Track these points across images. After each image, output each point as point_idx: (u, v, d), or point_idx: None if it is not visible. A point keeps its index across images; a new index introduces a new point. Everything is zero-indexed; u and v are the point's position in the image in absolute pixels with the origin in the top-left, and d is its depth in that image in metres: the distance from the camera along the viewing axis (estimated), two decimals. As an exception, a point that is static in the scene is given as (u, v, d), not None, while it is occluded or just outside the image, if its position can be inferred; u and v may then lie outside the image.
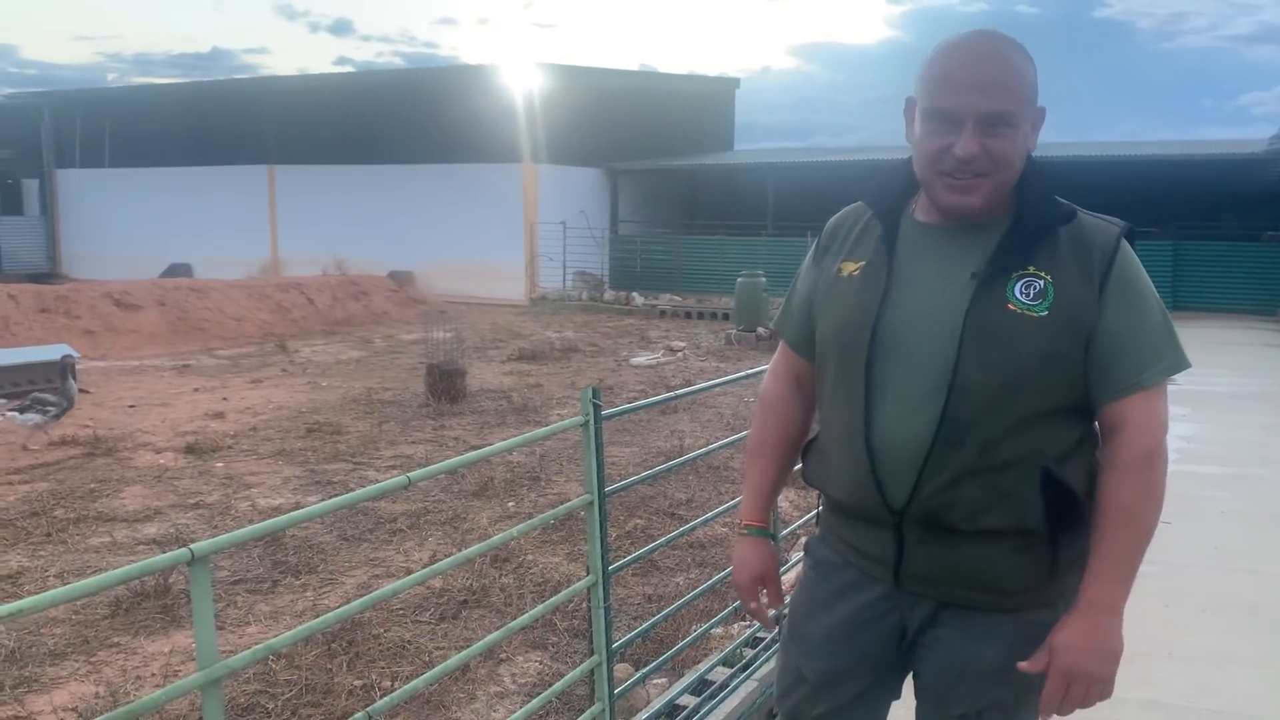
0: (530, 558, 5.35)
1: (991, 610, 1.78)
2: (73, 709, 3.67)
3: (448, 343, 10.44)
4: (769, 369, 2.08)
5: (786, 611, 2.08)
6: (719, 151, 28.64)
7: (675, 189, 26.60)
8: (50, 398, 8.40)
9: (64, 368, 8.75)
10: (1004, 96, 1.65)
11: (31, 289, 16.55)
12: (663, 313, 19.42)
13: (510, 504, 6.32)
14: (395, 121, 24.01)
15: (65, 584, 5.07)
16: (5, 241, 28.62)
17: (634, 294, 20.86)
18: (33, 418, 8.24)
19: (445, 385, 9.68)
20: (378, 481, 6.95)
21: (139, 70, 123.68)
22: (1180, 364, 1.74)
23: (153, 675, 4.04)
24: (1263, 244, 19.45)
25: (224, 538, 1.71)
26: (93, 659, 4.24)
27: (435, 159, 23.35)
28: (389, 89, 25.05)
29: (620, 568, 2.80)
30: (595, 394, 2.57)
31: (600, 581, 2.62)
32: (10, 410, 8.39)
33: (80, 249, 29.03)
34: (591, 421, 2.55)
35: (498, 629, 4.39)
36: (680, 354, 13.76)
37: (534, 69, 22.83)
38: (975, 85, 1.65)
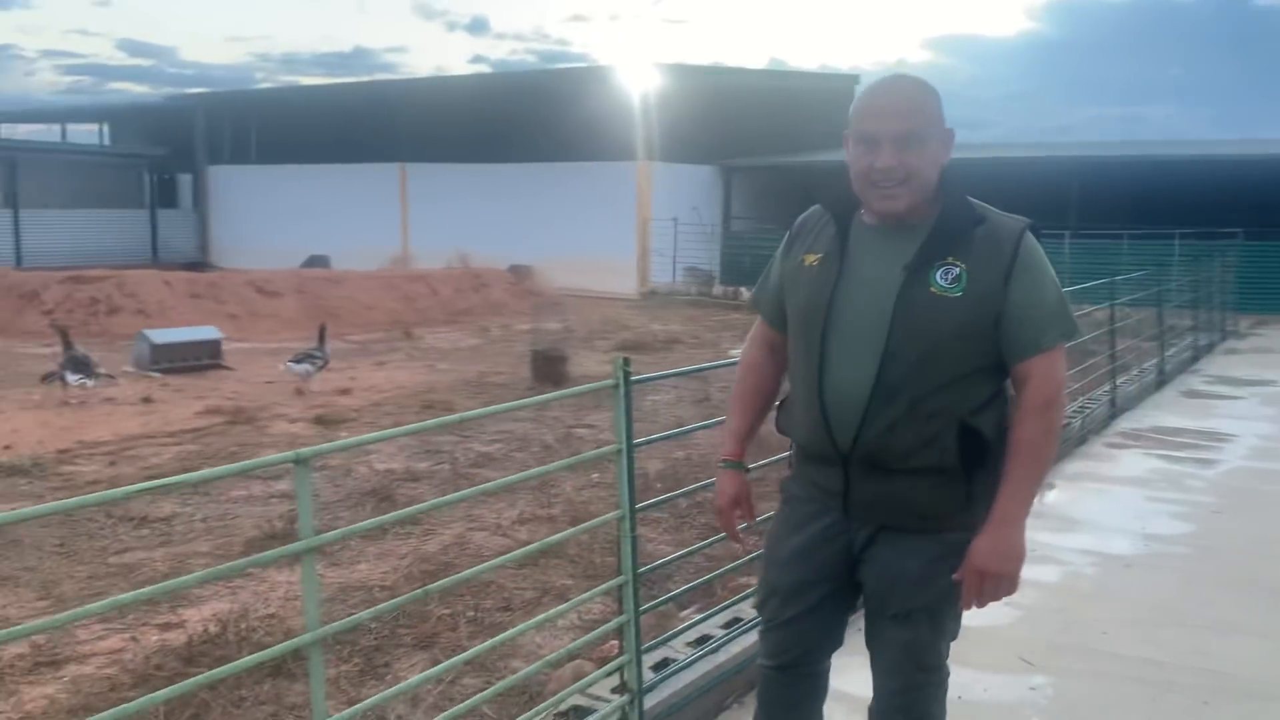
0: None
1: (918, 532, 2.24)
2: (215, 618, 4.43)
3: (556, 332, 11.20)
4: (748, 337, 2.61)
5: (757, 527, 2.62)
6: (838, 148, 28.74)
7: (789, 186, 26.85)
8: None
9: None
10: (911, 119, 2.16)
11: (184, 276, 18.10)
12: (770, 308, 19.78)
13: (595, 475, 6.93)
14: (518, 121, 25.02)
15: (208, 527, 5.95)
16: (162, 232, 30.89)
17: (742, 289, 21.30)
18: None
19: (549, 370, 10.41)
20: (481, 452, 7.69)
21: (286, 69, 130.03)
22: (1072, 333, 2.21)
23: (279, 597, 4.80)
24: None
25: (324, 446, 2.33)
26: (230, 584, 5.03)
27: (555, 158, 24.26)
28: (513, 90, 26.13)
29: (646, 507, 3.37)
30: (626, 363, 3.15)
31: (627, 515, 3.19)
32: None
33: (228, 240, 31.09)
34: (621, 384, 3.13)
35: (569, 576, 5.03)
36: (780, 347, 14.17)
37: (652, 69, 23.50)
38: (888, 112, 2.17)
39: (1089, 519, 5.79)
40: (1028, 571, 4.83)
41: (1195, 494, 6.37)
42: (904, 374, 2.13)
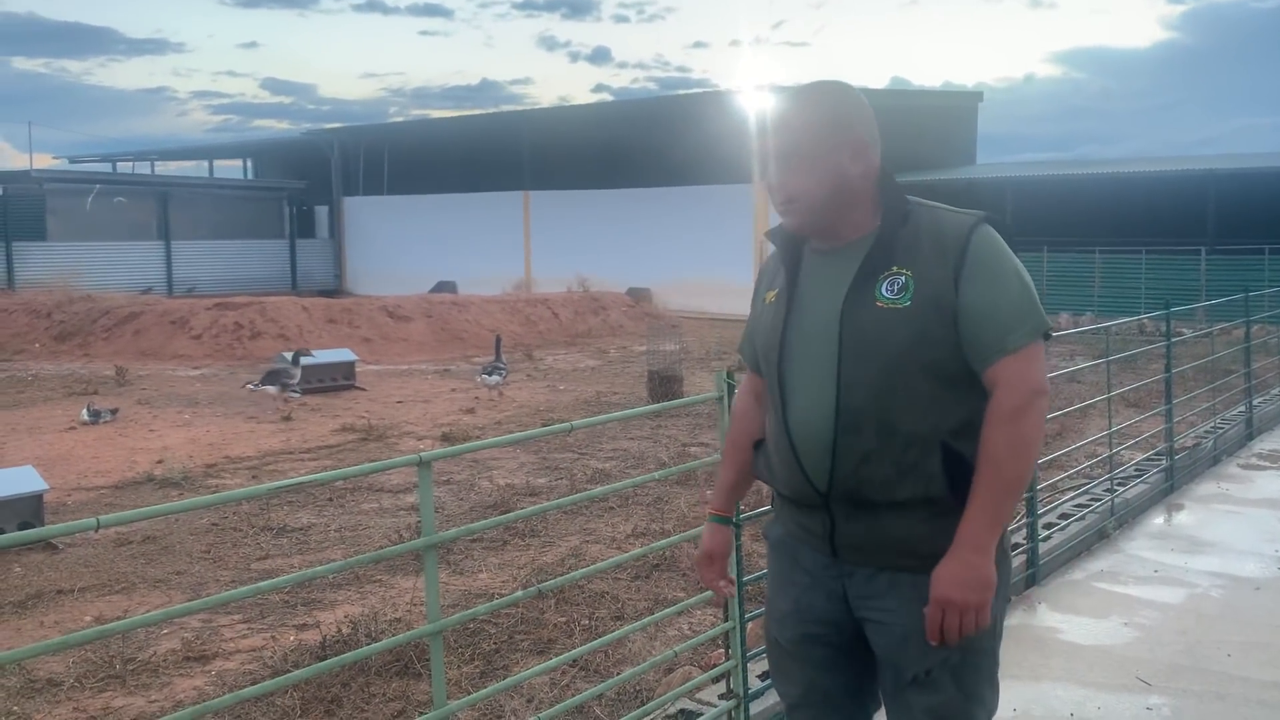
0: (719, 536, 6.05)
1: (919, 572, 1.98)
2: (348, 619, 4.71)
3: (672, 353, 11.37)
4: (739, 386, 2.47)
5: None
6: (960, 166, 28.28)
7: (910, 205, 26.55)
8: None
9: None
10: (788, 135, 2.04)
11: (321, 302, 18.99)
12: (890, 328, 19.55)
13: (709, 492, 7.04)
14: (636, 147, 25.48)
15: (341, 537, 6.28)
16: (300, 261, 32.45)
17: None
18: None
19: (664, 390, 10.58)
20: (598, 469, 7.89)
21: (417, 103, 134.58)
22: (1040, 327, 1.96)
23: (406, 603, 5.06)
24: None
25: (445, 450, 2.52)
26: (361, 590, 5.33)
27: (672, 182, 24.60)
28: (631, 117, 26.62)
29: (749, 518, 3.47)
30: (729, 375, 3.26)
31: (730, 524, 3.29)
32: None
33: (361, 267, 32.45)
34: (725, 396, 3.24)
35: (681, 589, 5.15)
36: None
37: (766, 92, 23.59)
38: (774, 128, 2.06)
39: (1218, 540, 5.61)
40: (1149, 592, 4.79)
41: (1337, 517, 6.09)
42: (863, 398, 1.96)
